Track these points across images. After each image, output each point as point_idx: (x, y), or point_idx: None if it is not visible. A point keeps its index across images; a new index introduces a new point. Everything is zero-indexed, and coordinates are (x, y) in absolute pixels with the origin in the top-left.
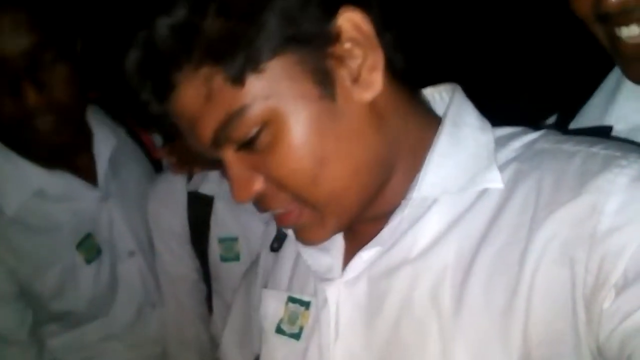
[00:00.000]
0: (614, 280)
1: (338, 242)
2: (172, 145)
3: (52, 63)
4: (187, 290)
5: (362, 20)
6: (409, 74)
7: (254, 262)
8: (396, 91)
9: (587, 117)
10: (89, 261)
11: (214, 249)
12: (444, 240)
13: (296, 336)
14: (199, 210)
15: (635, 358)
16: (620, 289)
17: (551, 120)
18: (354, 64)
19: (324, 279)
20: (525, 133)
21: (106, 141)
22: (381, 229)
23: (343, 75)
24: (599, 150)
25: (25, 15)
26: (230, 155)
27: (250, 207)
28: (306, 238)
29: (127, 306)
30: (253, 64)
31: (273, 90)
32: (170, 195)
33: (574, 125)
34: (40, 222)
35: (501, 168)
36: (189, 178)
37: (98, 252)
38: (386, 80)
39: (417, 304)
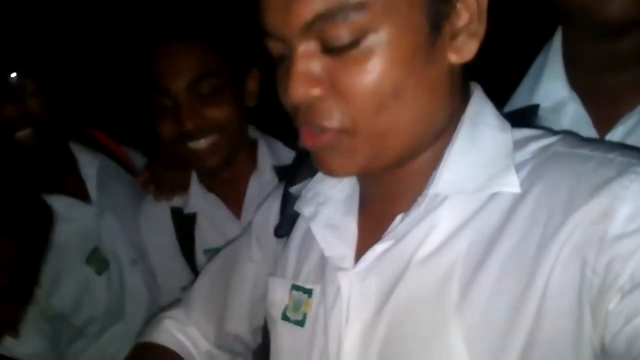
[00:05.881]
0: (620, 283)
1: (352, 231)
2: (151, 172)
3: (20, 80)
4: None
5: None
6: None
7: (238, 239)
8: (464, 73)
9: (518, 100)
10: (99, 273)
11: (201, 261)
12: (456, 238)
13: (300, 323)
14: (184, 226)
15: None
16: (627, 292)
17: None
18: (456, 24)
19: (338, 267)
20: (544, 136)
21: (90, 162)
22: (394, 216)
23: (446, 29)
24: (615, 156)
25: None
26: (305, 48)
27: (230, 217)
28: (330, 166)
29: (136, 313)
30: None
31: (392, 6)
32: (156, 214)
33: (507, 108)
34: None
35: (516, 168)
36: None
37: (106, 263)
38: None
39: (425, 297)
